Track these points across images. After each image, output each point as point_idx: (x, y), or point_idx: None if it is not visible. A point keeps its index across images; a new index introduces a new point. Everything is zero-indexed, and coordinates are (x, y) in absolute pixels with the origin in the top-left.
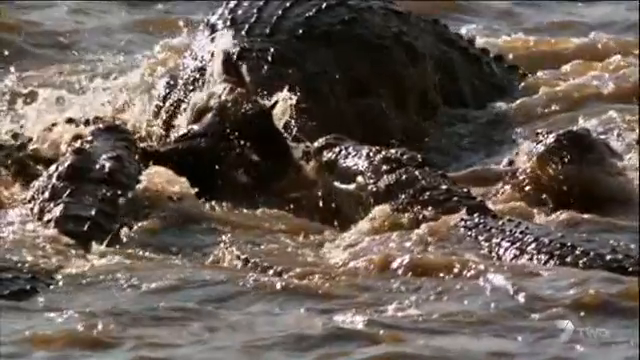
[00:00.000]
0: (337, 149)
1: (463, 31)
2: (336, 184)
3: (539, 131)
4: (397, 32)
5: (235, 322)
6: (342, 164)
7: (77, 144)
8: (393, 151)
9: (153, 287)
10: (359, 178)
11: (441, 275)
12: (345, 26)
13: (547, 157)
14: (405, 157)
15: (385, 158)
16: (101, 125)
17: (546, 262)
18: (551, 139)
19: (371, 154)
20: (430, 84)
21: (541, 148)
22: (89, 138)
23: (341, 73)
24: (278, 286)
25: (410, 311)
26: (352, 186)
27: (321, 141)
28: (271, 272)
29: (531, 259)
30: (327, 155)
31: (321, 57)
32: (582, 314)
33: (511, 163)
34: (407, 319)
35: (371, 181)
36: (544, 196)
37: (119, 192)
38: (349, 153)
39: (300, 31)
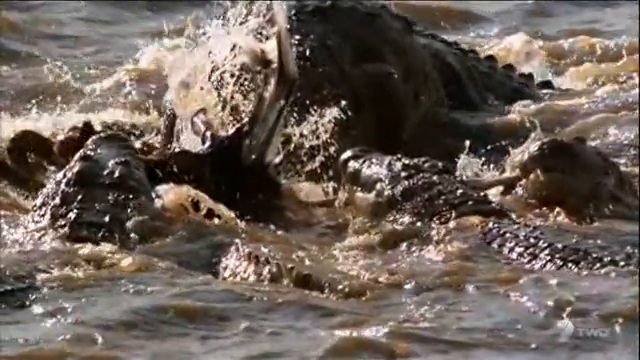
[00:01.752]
0: (361, 160)
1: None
2: (358, 194)
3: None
4: (385, 6)
5: (246, 335)
6: (364, 173)
7: (81, 151)
8: (416, 160)
9: (166, 297)
10: (378, 185)
11: (457, 285)
12: (335, 0)
13: (529, 165)
14: (426, 165)
15: (405, 165)
16: (102, 134)
17: (560, 268)
18: (534, 147)
19: (392, 162)
20: (428, 61)
21: (525, 156)
22: (92, 146)
23: (343, 42)
24: (293, 299)
25: (426, 324)
26: (372, 194)
27: (348, 153)
28: (285, 284)
29: (544, 265)
30: (352, 166)
31: (319, 31)
32: (614, 325)
33: (503, 171)
34: (423, 331)
35: (389, 186)
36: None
37: (130, 197)
38: (372, 163)
39: (292, 12)
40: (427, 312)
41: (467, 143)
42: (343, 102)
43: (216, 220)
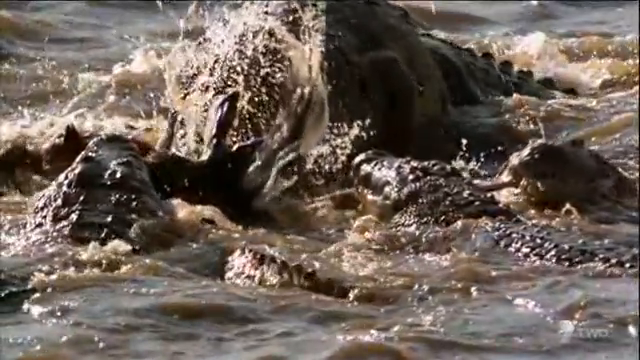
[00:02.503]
0: (373, 163)
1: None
2: (369, 197)
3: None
4: None
5: (252, 337)
6: (375, 176)
7: (83, 153)
8: (425, 162)
9: (170, 299)
10: (386, 188)
11: (465, 287)
12: None
13: (520, 171)
14: (435, 168)
15: (413, 168)
16: (103, 136)
17: (566, 269)
18: (525, 152)
19: (401, 165)
20: (427, 53)
21: (516, 161)
22: (93, 148)
23: (345, 31)
24: (300, 301)
25: (434, 327)
26: (381, 197)
27: (361, 156)
28: (292, 286)
29: (551, 265)
30: (364, 169)
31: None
32: (625, 328)
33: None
34: (431, 335)
35: (396, 189)
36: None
37: (133, 197)
38: (382, 166)
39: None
40: (435, 315)
41: (464, 143)
42: (366, 119)
43: (222, 222)
